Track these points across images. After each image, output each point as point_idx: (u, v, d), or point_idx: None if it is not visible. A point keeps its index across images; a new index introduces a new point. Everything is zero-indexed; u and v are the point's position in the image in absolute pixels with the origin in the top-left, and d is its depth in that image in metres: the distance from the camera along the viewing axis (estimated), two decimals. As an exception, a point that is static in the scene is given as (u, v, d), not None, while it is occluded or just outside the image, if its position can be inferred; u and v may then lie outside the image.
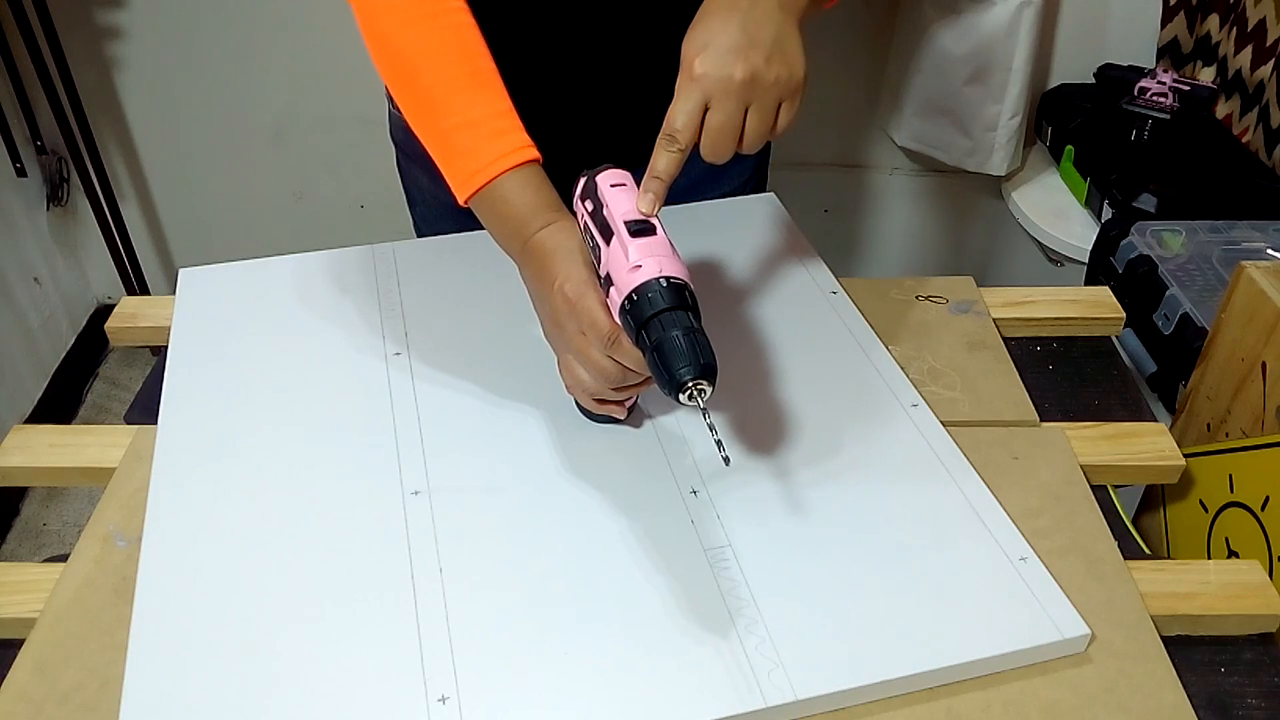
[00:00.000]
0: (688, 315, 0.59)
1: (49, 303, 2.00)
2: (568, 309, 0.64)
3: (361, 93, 1.97)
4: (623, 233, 0.61)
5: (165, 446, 0.72)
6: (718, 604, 0.60)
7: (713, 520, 0.65)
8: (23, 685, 0.58)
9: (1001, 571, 0.63)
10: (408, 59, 0.71)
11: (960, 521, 0.66)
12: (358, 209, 2.13)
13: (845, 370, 0.78)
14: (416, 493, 0.67)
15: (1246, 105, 1.54)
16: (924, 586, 0.62)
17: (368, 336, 0.81)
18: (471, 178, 0.68)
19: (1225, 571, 0.67)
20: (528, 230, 0.67)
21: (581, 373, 0.66)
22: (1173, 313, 1.14)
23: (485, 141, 0.68)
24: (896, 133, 1.75)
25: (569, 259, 0.65)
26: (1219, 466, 0.83)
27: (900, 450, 0.71)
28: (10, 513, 1.85)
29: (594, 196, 0.64)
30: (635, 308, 0.59)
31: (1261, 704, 0.60)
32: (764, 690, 0.55)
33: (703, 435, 0.70)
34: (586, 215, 0.65)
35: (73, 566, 0.66)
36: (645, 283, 0.59)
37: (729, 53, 0.62)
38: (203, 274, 0.89)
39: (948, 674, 0.58)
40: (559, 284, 0.64)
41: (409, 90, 0.71)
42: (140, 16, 1.84)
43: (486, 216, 0.70)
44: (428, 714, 0.55)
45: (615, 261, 0.61)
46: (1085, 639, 0.59)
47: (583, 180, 0.66)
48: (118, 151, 2.00)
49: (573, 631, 0.59)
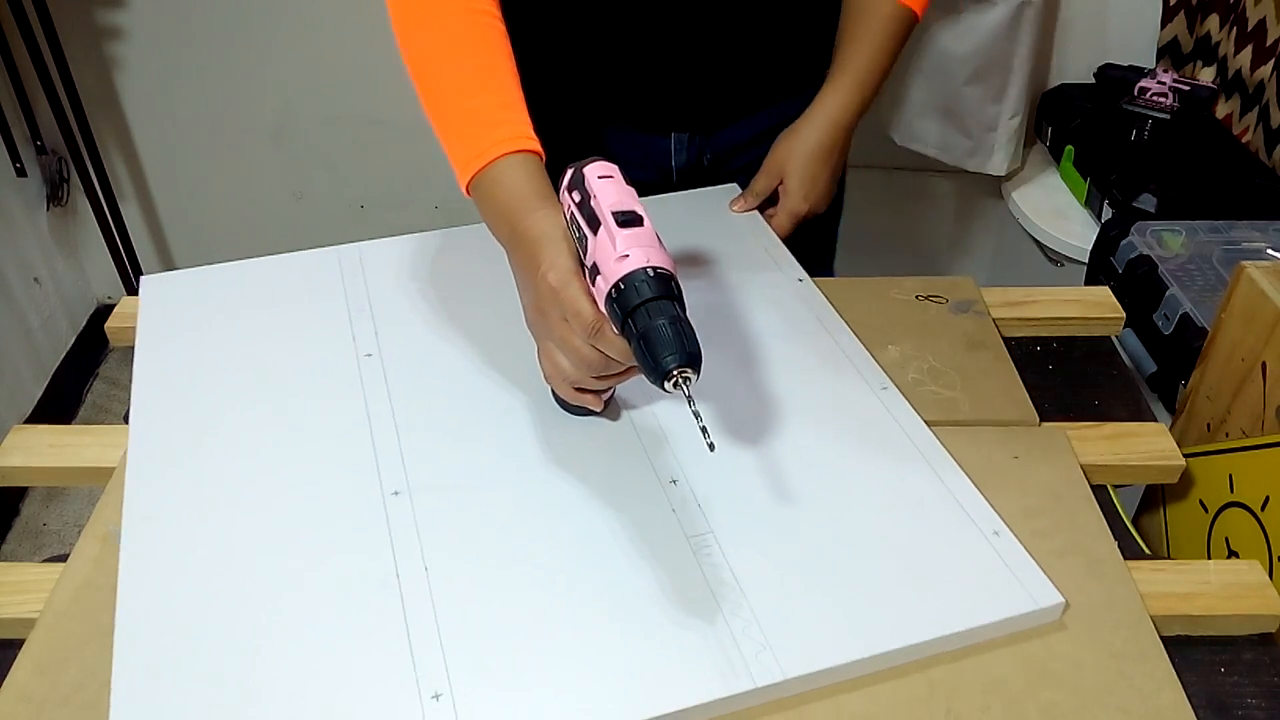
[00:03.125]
0: (673, 304, 0.60)
1: (49, 303, 2.00)
2: (551, 296, 0.64)
3: (361, 93, 1.97)
4: (610, 223, 0.61)
5: (137, 457, 0.71)
6: (703, 589, 0.61)
7: (694, 508, 0.66)
8: (23, 685, 0.58)
9: (976, 546, 0.64)
10: (428, 52, 0.74)
11: (933, 499, 0.67)
12: (358, 209, 2.13)
13: (815, 356, 0.80)
14: (397, 493, 0.68)
15: (1246, 105, 1.54)
16: (902, 563, 0.63)
17: (338, 339, 0.81)
18: (470, 162, 0.70)
19: (1225, 571, 0.67)
20: (516, 216, 0.68)
21: (562, 361, 0.66)
22: (1173, 313, 1.14)
23: (486, 129, 0.70)
24: (896, 133, 1.74)
25: (554, 246, 0.65)
26: (1219, 466, 0.83)
27: (872, 432, 0.72)
28: (10, 513, 1.85)
29: (581, 187, 0.64)
30: (622, 296, 0.60)
31: (1261, 704, 0.60)
32: (753, 671, 0.56)
33: (680, 426, 0.71)
34: (574, 206, 0.65)
35: (73, 566, 0.66)
36: (632, 272, 0.59)
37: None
38: (166, 280, 0.88)
39: (930, 647, 0.59)
40: (543, 270, 0.64)
41: (426, 82, 0.74)
42: (140, 16, 1.84)
43: (481, 202, 0.71)
44: (422, 712, 0.55)
45: (602, 251, 0.61)
46: (1059, 607, 0.61)
47: (570, 172, 0.66)
48: (118, 151, 2.00)
49: (562, 623, 0.60)
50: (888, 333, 0.83)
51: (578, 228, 0.64)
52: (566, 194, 0.66)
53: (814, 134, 0.93)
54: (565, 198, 0.66)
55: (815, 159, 0.93)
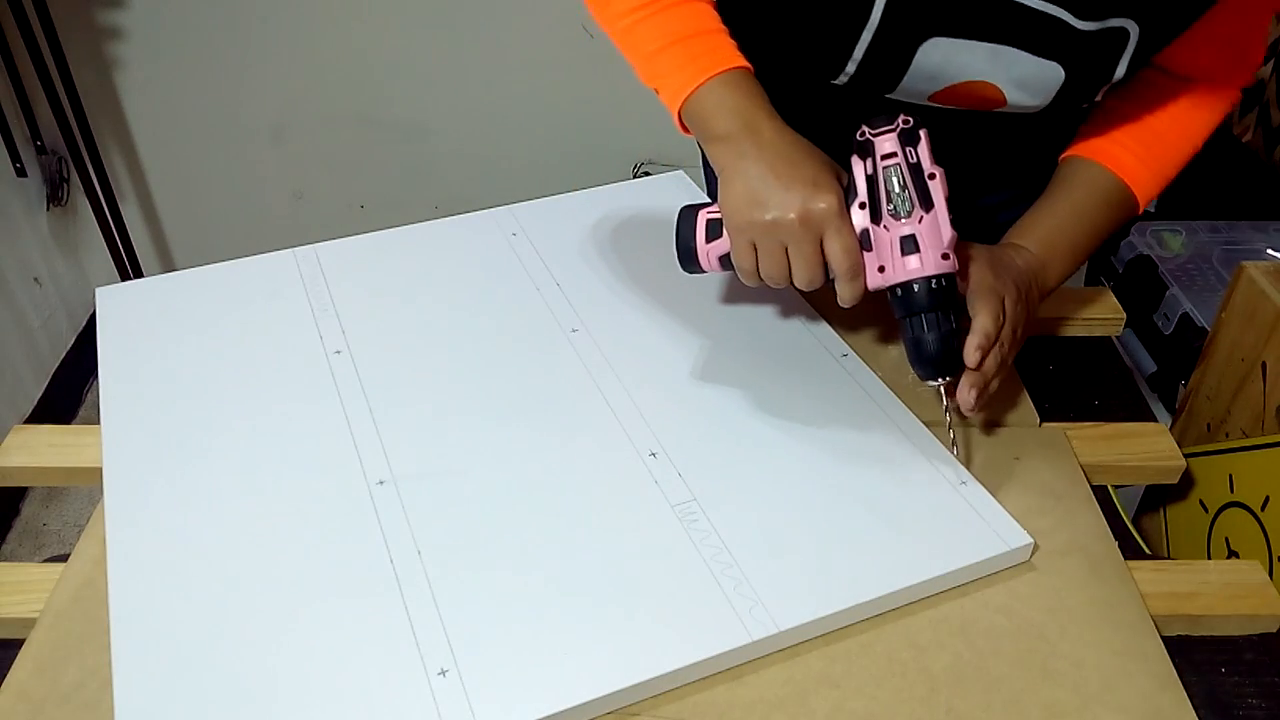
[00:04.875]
0: (950, 316, 0.66)
1: (49, 303, 2.00)
2: (824, 216, 0.64)
3: (361, 93, 1.98)
4: (944, 211, 0.65)
5: (114, 464, 0.70)
6: (692, 554, 0.63)
7: (674, 478, 0.68)
8: (23, 685, 0.58)
9: (946, 496, 0.67)
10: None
11: (902, 455, 0.71)
12: (358, 209, 2.13)
13: (777, 330, 0.82)
14: (381, 482, 0.68)
15: (1246, 105, 1.55)
16: (879, 517, 0.66)
17: (306, 337, 0.81)
18: (717, 64, 0.69)
19: (1225, 571, 0.67)
20: (768, 111, 0.68)
21: (777, 263, 0.66)
22: (1173, 313, 1.14)
23: (726, 45, 0.70)
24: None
25: (828, 169, 0.66)
26: (1219, 466, 0.83)
27: (837, 397, 0.75)
28: (10, 513, 1.85)
29: (915, 149, 0.66)
30: (934, 293, 0.65)
31: (1261, 704, 0.61)
32: (748, 626, 0.59)
33: (654, 400, 0.74)
34: (903, 162, 0.66)
35: (73, 566, 0.66)
36: (950, 274, 0.65)
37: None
38: (122, 291, 0.87)
39: (912, 593, 0.62)
40: (813, 176, 0.65)
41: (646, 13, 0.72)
42: (140, 16, 1.84)
43: (719, 94, 0.69)
44: (430, 688, 0.56)
45: (928, 230, 0.65)
46: (1029, 548, 0.65)
47: (901, 124, 0.66)
48: (118, 151, 2.00)
49: (558, 594, 0.61)
50: (888, 333, 0.83)
51: (900, 180, 0.65)
52: (895, 140, 0.66)
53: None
54: (883, 143, 0.66)
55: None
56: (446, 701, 0.55)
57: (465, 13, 1.89)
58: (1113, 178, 0.77)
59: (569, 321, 0.82)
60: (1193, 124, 0.77)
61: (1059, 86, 0.71)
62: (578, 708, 0.55)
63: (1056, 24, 0.68)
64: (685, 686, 0.58)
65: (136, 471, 0.70)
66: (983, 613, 0.62)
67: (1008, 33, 0.69)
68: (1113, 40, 0.69)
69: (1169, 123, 0.77)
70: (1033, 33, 0.69)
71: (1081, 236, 0.77)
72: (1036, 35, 0.69)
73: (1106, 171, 0.77)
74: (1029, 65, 0.71)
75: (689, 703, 0.57)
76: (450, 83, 1.98)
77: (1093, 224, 0.77)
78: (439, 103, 2.00)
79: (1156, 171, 0.77)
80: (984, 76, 0.73)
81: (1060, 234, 0.77)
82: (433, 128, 2.03)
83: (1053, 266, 0.76)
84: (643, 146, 2.07)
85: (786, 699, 0.57)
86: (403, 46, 1.92)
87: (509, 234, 0.93)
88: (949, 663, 0.59)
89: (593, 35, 1.91)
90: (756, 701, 0.57)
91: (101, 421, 0.74)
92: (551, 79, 1.98)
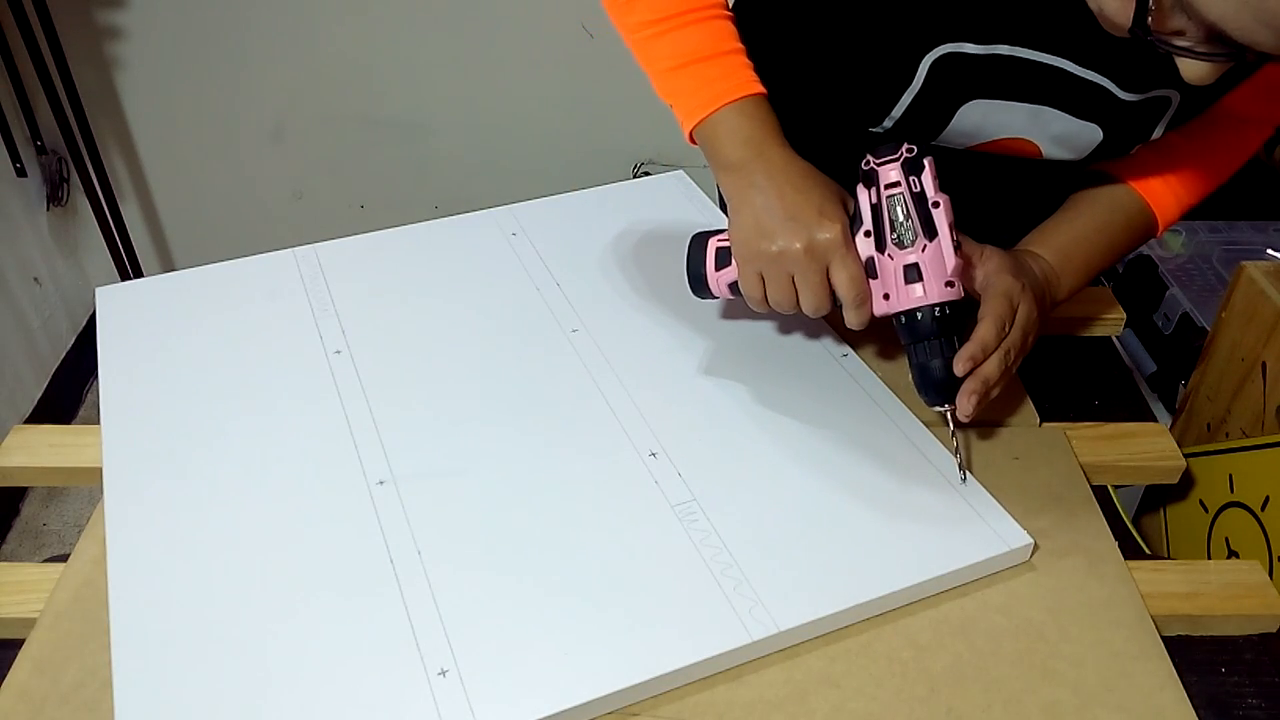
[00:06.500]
0: (954, 342, 0.67)
1: (49, 303, 2.00)
2: (828, 246, 0.65)
3: (361, 93, 1.98)
4: (948, 239, 0.65)
5: (114, 464, 0.70)
6: (692, 554, 0.63)
7: (675, 479, 0.68)
8: (23, 685, 0.58)
9: (946, 496, 0.67)
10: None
11: (902, 455, 0.71)
12: (358, 209, 2.13)
13: (777, 330, 0.82)
14: (381, 483, 0.68)
15: (1246, 105, 1.54)
16: (879, 517, 0.66)
17: (306, 337, 0.81)
18: (728, 91, 0.69)
19: (1225, 571, 0.67)
20: (778, 140, 0.68)
21: (784, 291, 0.67)
22: (1173, 313, 1.14)
23: (743, 69, 0.70)
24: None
25: (835, 198, 0.66)
26: (1219, 466, 0.83)
27: (837, 396, 0.75)
28: (10, 513, 1.85)
29: (919, 178, 0.66)
30: (938, 321, 0.65)
31: (1261, 704, 0.61)
32: (748, 626, 0.59)
33: (654, 401, 0.74)
34: (906, 191, 0.66)
35: (73, 566, 0.66)
36: (955, 302, 0.66)
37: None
38: (122, 291, 0.87)
39: (911, 593, 0.62)
40: (819, 206, 0.65)
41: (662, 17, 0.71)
42: (140, 16, 1.84)
43: (732, 122, 0.69)
44: (430, 688, 0.56)
45: (932, 259, 0.65)
46: (1029, 548, 0.65)
47: (904, 154, 0.66)
48: (118, 151, 2.00)
49: (558, 595, 0.61)
50: (888, 334, 0.83)
51: (906, 212, 0.65)
52: (899, 169, 0.66)
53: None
54: (887, 172, 0.66)
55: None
56: (446, 701, 0.55)
57: (465, 13, 1.89)
58: (1137, 199, 0.76)
59: (569, 322, 0.82)
60: (1225, 157, 0.78)
61: (1096, 145, 0.71)
62: (577, 708, 0.55)
63: (1100, 91, 0.68)
64: (685, 686, 0.58)
65: (136, 471, 0.70)
66: (983, 613, 0.62)
67: (1049, 96, 0.69)
68: (1154, 107, 0.68)
69: (1202, 152, 0.77)
70: (1075, 98, 0.69)
71: (1098, 253, 0.77)
72: (1078, 100, 0.69)
73: (1132, 192, 0.76)
74: (1068, 125, 0.70)
75: (689, 703, 0.57)
76: (450, 83, 1.98)
77: (1111, 242, 0.77)
78: (439, 103, 2.00)
79: (1181, 197, 0.77)
80: (1022, 134, 0.72)
81: (1077, 247, 0.76)
82: (433, 128, 2.03)
83: (1066, 278, 0.76)
84: (643, 146, 2.07)
85: (786, 699, 0.57)
86: (403, 46, 1.92)
87: (509, 234, 0.93)
88: (949, 663, 0.59)
89: (593, 35, 1.91)
90: (756, 701, 0.57)
91: (101, 421, 0.74)
92: (551, 79, 1.98)
